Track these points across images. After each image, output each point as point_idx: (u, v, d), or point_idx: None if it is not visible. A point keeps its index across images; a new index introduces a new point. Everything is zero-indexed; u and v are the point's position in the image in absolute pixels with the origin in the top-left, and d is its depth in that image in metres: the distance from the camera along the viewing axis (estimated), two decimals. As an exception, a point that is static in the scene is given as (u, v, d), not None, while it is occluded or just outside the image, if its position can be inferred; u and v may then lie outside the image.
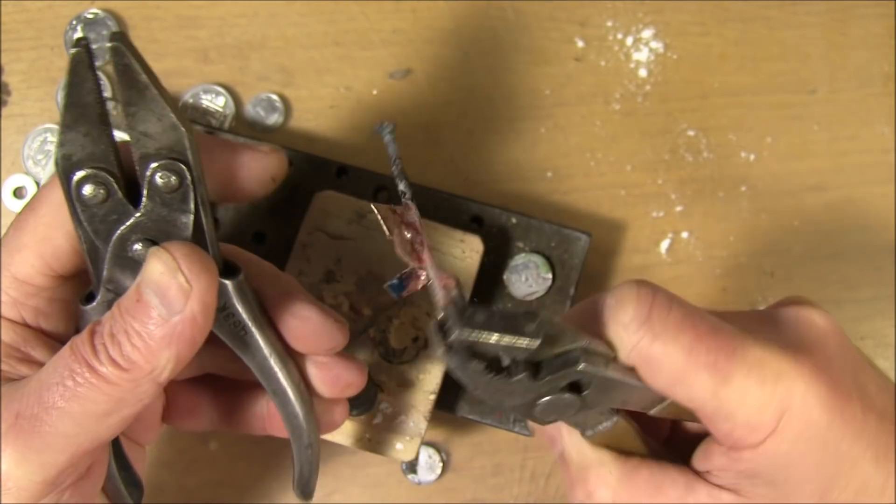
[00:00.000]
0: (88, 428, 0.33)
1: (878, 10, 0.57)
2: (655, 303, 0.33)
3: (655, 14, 0.55)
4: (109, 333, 0.33)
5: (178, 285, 0.32)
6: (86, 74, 0.32)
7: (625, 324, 0.33)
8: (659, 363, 0.33)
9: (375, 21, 0.54)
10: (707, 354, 0.33)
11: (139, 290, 0.33)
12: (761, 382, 0.33)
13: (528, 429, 0.47)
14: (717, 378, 0.33)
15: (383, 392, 0.46)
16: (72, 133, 0.32)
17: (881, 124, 0.56)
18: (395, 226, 0.36)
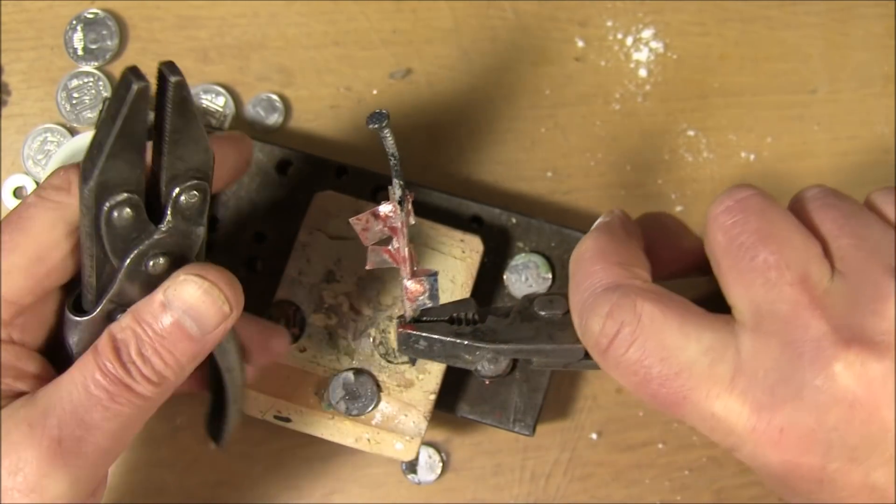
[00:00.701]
0: (124, 440, 0.35)
1: (878, 10, 0.57)
2: None
3: (655, 14, 0.55)
4: (138, 353, 0.34)
5: (219, 309, 0.35)
6: (143, 107, 0.33)
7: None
8: None
9: (375, 21, 0.54)
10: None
11: (170, 310, 0.35)
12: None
13: None
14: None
15: (383, 392, 0.46)
16: (115, 161, 0.33)
17: (881, 124, 0.56)
18: (374, 234, 0.37)
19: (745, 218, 0.34)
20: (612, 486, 0.53)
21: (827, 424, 0.31)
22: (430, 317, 0.39)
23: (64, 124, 0.52)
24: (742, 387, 0.32)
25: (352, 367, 0.46)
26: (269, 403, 0.46)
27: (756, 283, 0.32)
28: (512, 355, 0.39)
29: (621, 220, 0.39)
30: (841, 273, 0.33)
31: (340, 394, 0.46)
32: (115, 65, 0.53)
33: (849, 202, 0.35)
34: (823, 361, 0.31)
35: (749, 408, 0.32)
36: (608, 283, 0.35)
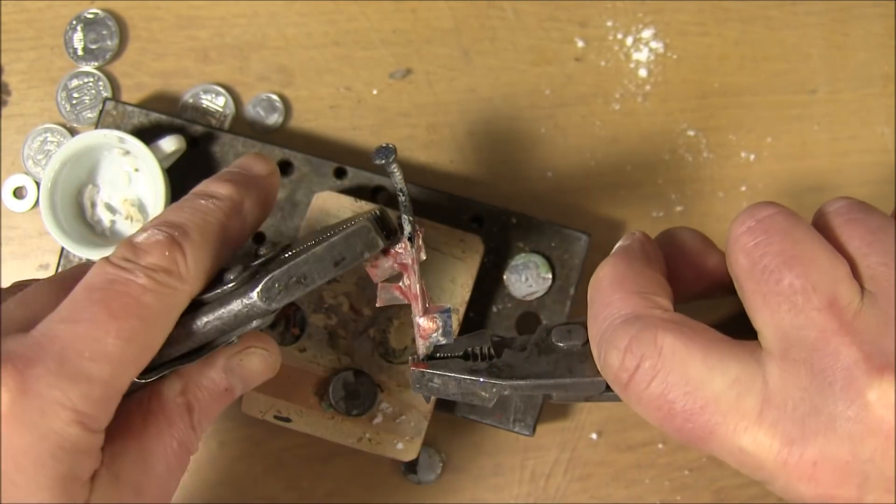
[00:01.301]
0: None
1: (878, 10, 0.57)
2: None
3: (655, 14, 0.55)
4: (199, 419, 0.36)
5: (270, 374, 0.39)
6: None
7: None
8: None
9: (375, 21, 0.54)
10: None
11: (229, 377, 0.37)
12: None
13: None
14: None
15: (383, 392, 0.46)
16: None
17: (881, 124, 0.56)
18: (384, 271, 0.37)
19: (769, 239, 0.32)
20: (612, 486, 0.53)
21: (862, 456, 0.30)
22: (444, 353, 0.38)
23: (64, 124, 0.52)
24: (771, 419, 0.31)
25: (352, 367, 0.46)
26: (269, 403, 0.46)
27: (782, 309, 0.31)
28: (530, 391, 0.37)
29: (641, 244, 0.37)
30: (871, 294, 0.31)
31: (340, 394, 0.46)
32: (115, 65, 0.53)
33: (876, 216, 0.33)
34: (856, 391, 0.29)
35: (779, 441, 0.30)
36: (627, 313, 0.33)
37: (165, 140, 0.48)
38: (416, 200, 0.50)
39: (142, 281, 0.33)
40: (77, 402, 0.31)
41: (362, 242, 0.34)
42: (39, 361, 0.31)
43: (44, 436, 0.30)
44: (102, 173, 0.50)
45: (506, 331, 0.50)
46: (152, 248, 0.34)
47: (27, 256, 0.52)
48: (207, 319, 0.35)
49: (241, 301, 0.34)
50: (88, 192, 0.50)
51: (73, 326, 0.32)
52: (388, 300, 0.37)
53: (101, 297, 0.32)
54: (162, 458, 0.35)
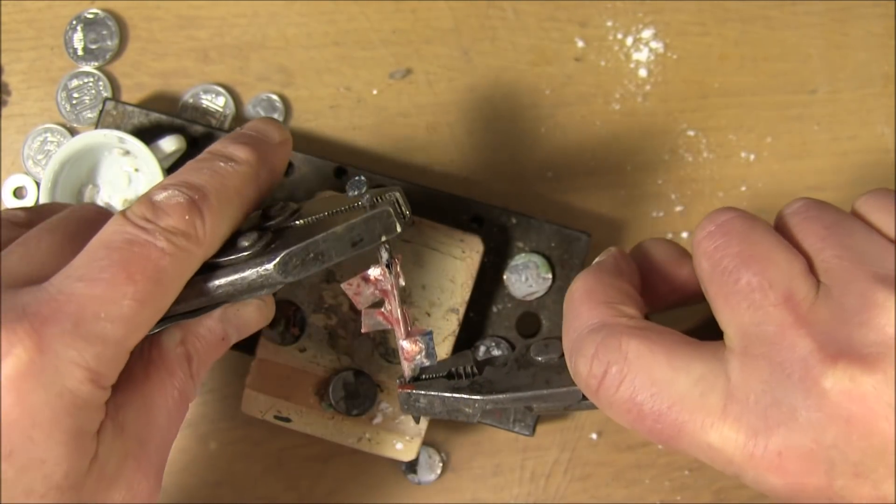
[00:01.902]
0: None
1: (878, 10, 0.57)
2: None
3: (655, 14, 0.55)
4: (198, 369, 0.37)
5: (264, 322, 0.39)
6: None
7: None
8: None
9: (375, 21, 0.54)
10: None
11: (226, 330, 0.37)
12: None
13: None
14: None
15: (383, 392, 0.46)
16: None
17: (881, 124, 0.56)
18: (366, 298, 0.38)
19: (727, 241, 0.33)
20: (612, 486, 0.53)
21: (825, 443, 0.30)
22: (429, 374, 0.40)
23: (64, 124, 0.52)
24: (735, 414, 0.32)
25: (352, 367, 0.46)
26: (269, 403, 0.46)
27: (741, 307, 0.32)
28: (510, 404, 0.39)
29: (614, 258, 0.39)
30: (826, 287, 0.32)
31: (340, 394, 0.46)
32: (115, 65, 0.53)
33: (831, 212, 0.35)
34: (812, 380, 0.30)
35: (744, 434, 0.31)
36: (593, 323, 0.35)
37: (165, 140, 0.48)
38: (416, 200, 0.50)
39: (161, 244, 0.33)
40: (91, 362, 0.31)
41: (382, 226, 0.35)
42: (56, 320, 0.31)
43: (59, 393, 0.31)
44: (102, 173, 0.50)
45: (506, 331, 0.50)
46: (173, 210, 0.34)
47: (27, 256, 0.52)
48: (220, 283, 0.35)
49: (256, 271, 0.34)
50: (88, 192, 0.50)
51: (90, 286, 0.32)
52: (372, 326, 0.39)
53: (120, 258, 0.32)
54: (164, 408, 0.35)
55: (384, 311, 0.38)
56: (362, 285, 0.37)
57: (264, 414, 0.46)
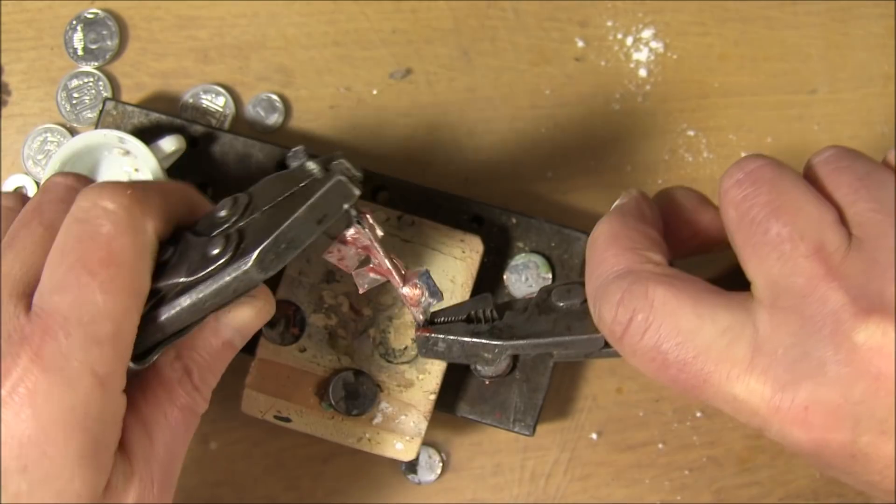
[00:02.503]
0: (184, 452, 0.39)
1: (878, 10, 0.57)
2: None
3: (655, 14, 0.55)
4: (201, 380, 0.37)
5: (264, 319, 0.39)
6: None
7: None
8: None
9: (375, 21, 0.54)
10: None
11: (222, 334, 0.37)
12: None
13: None
14: None
15: (383, 392, 0.46)
16: None
17: (881, 124, 0.56)
18: (352, 259, 0.37)
19: (756, 190, 0.32)
20: (612, 486, 0.53)
21: (853, 398, 0.30)
22: (448, 317, 0.39)
23: (64, 124, 0.52)
24: (762, 366, 0.31)
25: (352, 367, 0.46)
26: (269, 403, 0.46)
27: (770, 258, 0.31)
28: (531, 351, 0.38)
29: (637, 202, 0.38)
30: (859, 239, 0.31)
31: (340, 394, 0.46)
32: (115, 65, 0.53)
33: (864, 161, 0.34)
34: (843, 334, 0.30)
35: (770, 387, 0.31)
36: (620, 269, 0.34)
37: (165, 140, 0.48)
38: (416, 200, 0.50)
39: (106, 228, 0.34)
40: (94, 365, 0.32)
41: (340, 195, 0.34)
42: (49, 338, 0.32)
43: (71, 408, 0.32)
44: (102, 173, 0.50)
45: (506, 331, 0.50)
46: (110, 192, 0.35)
47: (27, 256, 0.52)
48: (204, 297, 0.35)
49: (235, 275, 0.34)
50: (88, 192, 0.50)
51: (62, 296, 0.32)
52: (368, 283, 0.38)
53: (75, 257, 0.33)
54: (166, 427, 0.36)
55: (373, 267, 0.38)
56: (343, 249, 0.37)
57: (264, 414, 0.46)
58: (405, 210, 0.48)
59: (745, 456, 0.54)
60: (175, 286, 0.35)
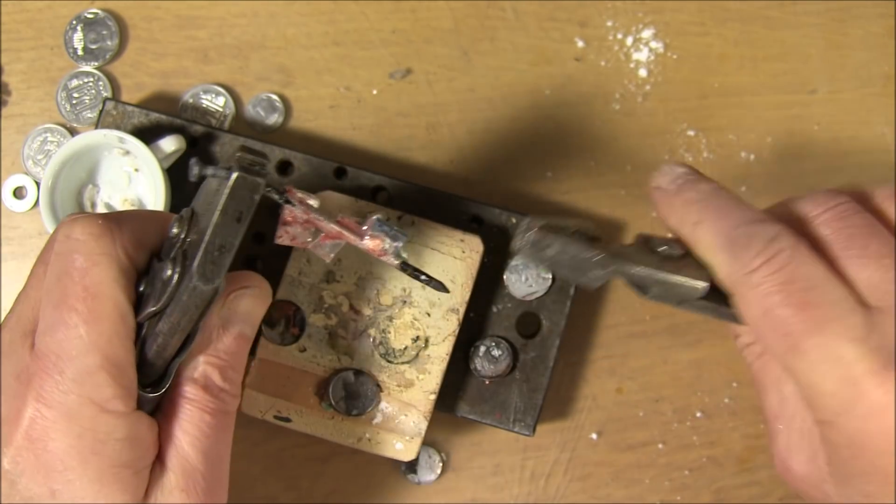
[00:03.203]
0: (229, 449, 0.40)
1: (878, 10, 0.57)
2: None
3: (655, 14, 0.55)
4: (222, 379, 0.38)
5: (265, 303, 0.40)
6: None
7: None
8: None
9: (375, 21, 0.54)
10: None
11: (231, 329, 0.38)
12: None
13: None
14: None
15: (383, 392, 0.46)
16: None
17: (881, 124, 0.56)
18: (303, 235, 0.38)
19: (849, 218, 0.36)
20: (612, 486, 0.53)
21: None
22: (554, 224, 0.38)
23: (64, 124, 0.52)
24: (876, 342, 0.32)
25: (352, 367, 0.46)
26: (269, 403, 0.46)
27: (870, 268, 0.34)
28: (641, 274, 0.37)
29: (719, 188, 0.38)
30: None
31: (340, 394, 0.46)
32: (115, 65, 0.53)
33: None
34: None
35: (877, 363, 0.32)
36: (767, 219, 0.35)
37: (165, 140, 0.48)
38: (416, 200, 0.50)
39: (79, 263, 0.35)
40: (92, 395, 0.34)
41: (246, 189, 0.34)
42: (47, 376, 0.34)
43: (79, 436, 0.34)
44: (102, 173, 0.50)
45: (506, 331, 0.50)
46: (82, 223, 0.36)
47: (27, 256, 0.52)
48: (175, 319, 0.35)
49: (188, 292, 0.35)
50: (88, 192, 0.50)
51: (52, 335, 0.35)
52: (330, 250, 0.38)
53: (58, 297, 0.35)
54: (199, 436, 0.37)
55: (325, 235, 0.38)
56: (288, 230, 0.38)
57: (264, 414, 0.46)
58: (405, 210, 0.48)
59: (745, 456, 0.54)
60: (151, 315, 0.36)
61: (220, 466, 0.39)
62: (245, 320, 0.39)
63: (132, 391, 0.36)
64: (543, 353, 0.50)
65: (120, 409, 0.35)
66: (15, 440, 0.34)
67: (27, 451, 0.34)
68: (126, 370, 0.35)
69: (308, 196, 0.37)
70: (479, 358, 0.49)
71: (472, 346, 0.49)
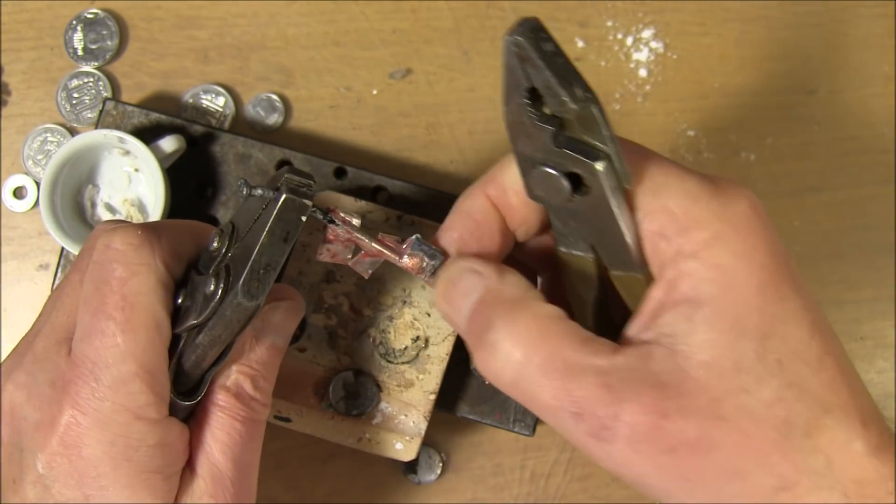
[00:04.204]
0: (258, 456, 0.40)
1: (878, 10, 0.57)
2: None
3: (655, 14, 0.55)
4: (253, 388, 0.38)
5: (298, 317, 0.40)
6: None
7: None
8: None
9: (375, 21, 0.54)
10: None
11: (263, 339, 0.39)
12: (709, 186, 0.33)
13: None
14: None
15: (383, 392, 0.46)
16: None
17: (881, 124, 0.56)
18: (344, 253, 0.38)
19: None
20: (612, 486, 0.53)
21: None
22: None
23: (64, 124, 0.52)
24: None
25: (352, 367, 0.46)
26: (269, 403, 0.46)
27: None
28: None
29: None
30: None
31: (340, 394, 0.46)
32: (115, 65, 0.53)
33: None
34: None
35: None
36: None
37: (165, 140, 0.48)
38: (416, 200, 0.50)
39: (119, 272, 0.36)
40: (126, 402, 0.35)
41: (293, 211, 0.35)
42: (83, 383, 0.35)
43: (111, 442, 0.35)
44: (102, 173, 0.50)
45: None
46: (120, 234, 0.36)
47: (27, 256, 0.52)
48: (216, 333, 0.36)
49: (232, 310, 0.35)
50: (88, 192, 0.50)
51: (90, 342, 0.35)
52: (369, 267, 0.39)
53: (96, 305, 0.35)
54: (229, 444, 0.37)
55: (366, 252, 0.38)
56: (331, 248, 0.38)
57: (264, 414, 0.46)
58: (405, 210, 0.48)
59: (745, 456, 0.54)
60: (192, 327, 0.36)
61: (249, 474, 0.39)
62: (277, 332, 0.39)
63: (165, 398, 0.36)
64: (543, 353, 0.50)
65: (152, 416, 0.35)
66: (50, 445, 0.35)
67: (62, 456, 0.35)
68: (159, 378, 0.36)
69: (350, 216, 0.38)
70: (479, 358, 0.49)
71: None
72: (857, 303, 0.55)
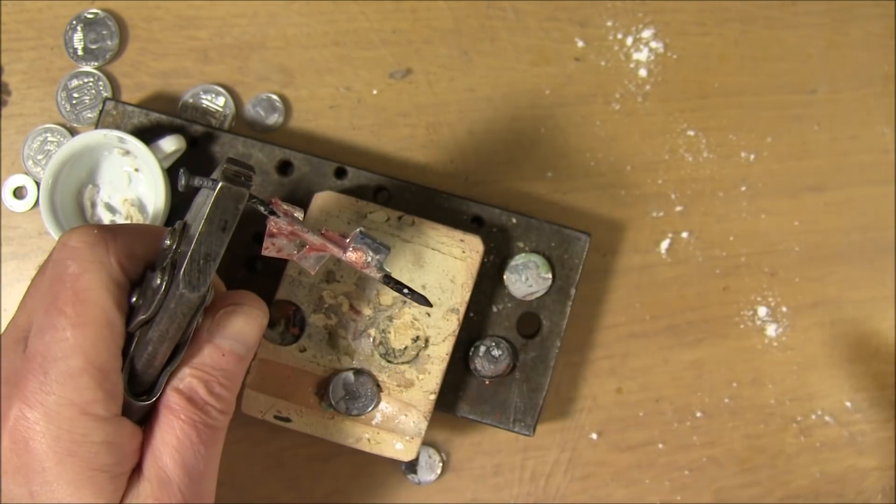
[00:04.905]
0: (216, 466, 0.39)
1: (878, 10, 0.57)
2: None
3: (655, 14, 0.55)
4: (207, 393, 0.38)
5: (260, 325, 0.39)
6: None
7: None
8: None
9: (375, 21, 0.54)
10: None
11: (219, 344, 0.38)
12: None
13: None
14: None
15: (383, 392, 0.46)
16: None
17: (881, 124, 0.56)
18: (290, 247, 0.38)
19: None
20: (612, 486, 0.53)
21: None
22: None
23: (64, 124, 0.52)
24: None
25: (352, 367, 0.46)
26: (269, 403, 0.46)
27: None
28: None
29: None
30: None
31: (340, 394, 0.46)
32: (115, 65, 0.53)
33: None
34: None
35: None
36: None
37: (165, 140, 0.48)
38: (416, 200, 0.50)
39: (72, 269, 0.36)
40: (73, 397, 0.35)
41: (231, 201, 0.35)
42: (32, 377, 0.35)
43: (56, 437, 0.34)
44: (102, 173, 0.50)
45: (506, 331, 0.50)
46: (78, 232, 0.37)
47: (27, 256, 0.52)
48: (163, 327, 0.36)
49: (175, 300, 0.35)
50: (88, 192, 0.50)
51: (41, 337, 0.35)
52: (315, 262, 0.39)
53: (50, 300, 0.36)
54: (179, 448, 0.37)
55: (309, 247, 0.38)
56: (274, 241, 0.38)
57: (264, 414, 0.46)
58: (405, 210, 0.48)
59: (745, 456, 0.54)
60: (142, 323, 0.36)
61: (202, 483, 0.38)
62: (235, 338, 0.39)
63: (116, 397, 0.36)
64: (543, 353, 0.50)
65: (100, 413, 0.35)
66: None
67: (10, 451, 0.35)
68: (110, 375, 0.35)
69: (293, 208, 0.38)
70: (480, 358, 0.49)
71: (473, 346, 0.49)
72: (856, 302, 0.55)
